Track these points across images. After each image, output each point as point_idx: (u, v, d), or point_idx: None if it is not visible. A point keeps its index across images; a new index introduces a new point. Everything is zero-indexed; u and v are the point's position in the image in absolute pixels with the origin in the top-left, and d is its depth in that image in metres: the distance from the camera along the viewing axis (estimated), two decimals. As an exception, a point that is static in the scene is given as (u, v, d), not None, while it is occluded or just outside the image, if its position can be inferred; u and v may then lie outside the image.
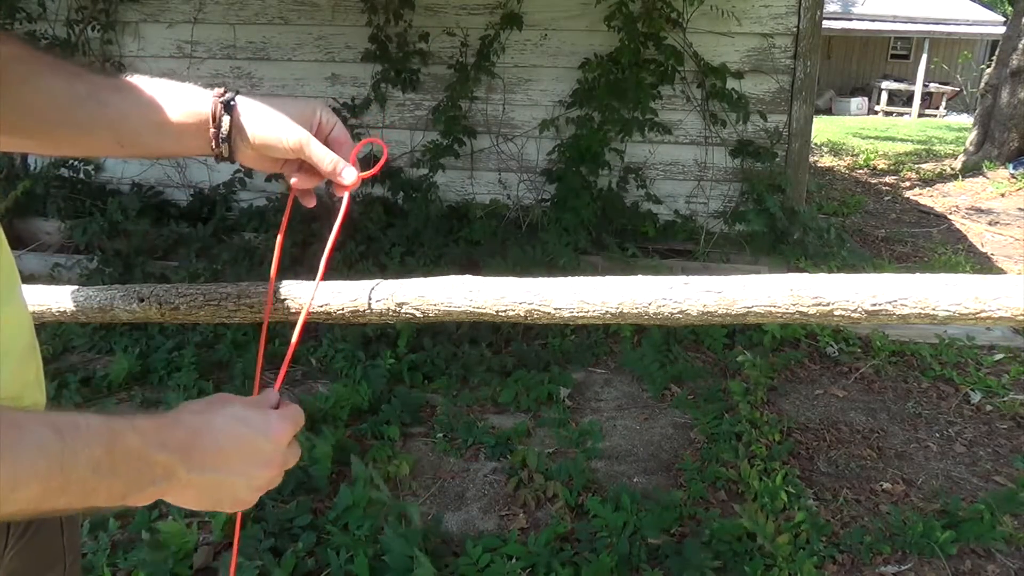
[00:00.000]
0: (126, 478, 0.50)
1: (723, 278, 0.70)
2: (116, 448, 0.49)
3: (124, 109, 0.70)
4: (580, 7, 4.11)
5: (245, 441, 0.58)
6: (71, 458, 0.46)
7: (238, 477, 0.58)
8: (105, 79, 0.71)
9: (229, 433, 0.57)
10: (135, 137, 0.71)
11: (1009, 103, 8.31)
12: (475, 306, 0.78)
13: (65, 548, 0.69)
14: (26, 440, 0.45)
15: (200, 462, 0.55)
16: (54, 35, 4.40)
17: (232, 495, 0.59)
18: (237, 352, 3.07)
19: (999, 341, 3.48)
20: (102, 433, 0.49)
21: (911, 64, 18.99)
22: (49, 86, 0.68)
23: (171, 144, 0.73)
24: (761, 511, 2.14)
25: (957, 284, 0.60)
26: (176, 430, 0.55)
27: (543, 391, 2.87)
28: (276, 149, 0.73)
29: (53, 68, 0.69)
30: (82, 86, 0.69)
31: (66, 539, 0.70)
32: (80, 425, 0.48)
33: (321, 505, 2.21)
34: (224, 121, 0.71)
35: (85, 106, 0.69)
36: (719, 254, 4.20)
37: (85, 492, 0.48)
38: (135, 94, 0.71)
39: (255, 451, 0.59)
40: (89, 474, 0.48)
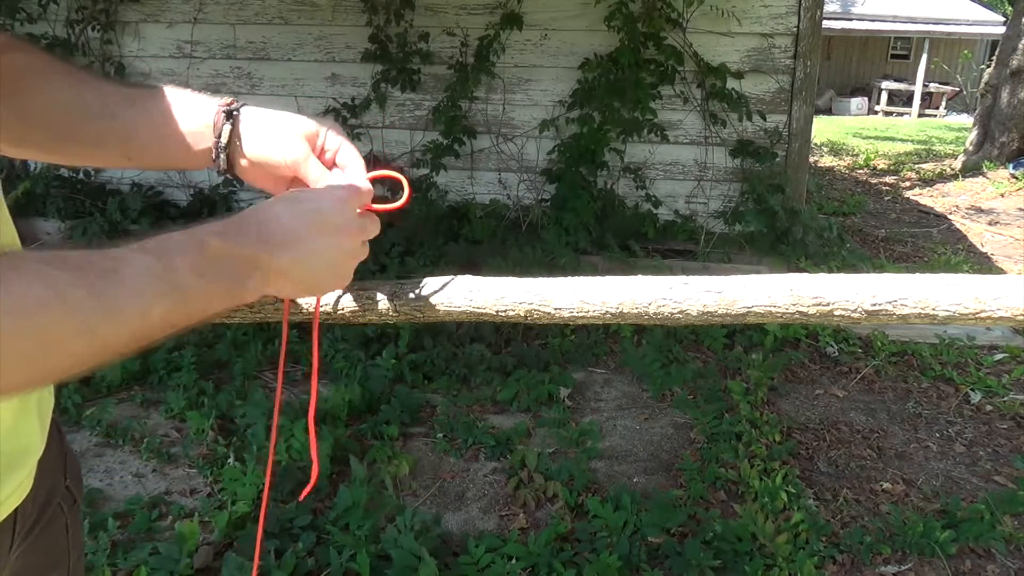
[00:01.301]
0: (224, 279, 0.54)
1: (723, 278, 0.70)
2: (206, 252, 0.52)
3: (134, 122, 0.69)
4: (580, 7, 4.11)
5: (307, 214, 0.60)
6: (175, 273, 0.50)
7: (321, 250, 0.60)
8: (115, 89, 0.70)
9: (290, 212, 0.59)
10: (143, 150, 0.71)
11: (1009, 103, 8.31)
12: (475, 306, 0.78)
13: (70, 547, 0.69)
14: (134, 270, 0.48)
15: (278, 244, 0.57)
16: (54, 35, 4.40)
17: (326, 270, 0.62)
18: (237, 352, 3.08)
19: (999, 341, 3.49)
20: (189, 244, 0.52)
21: (911, 64, 19.00)
22: (63, 100, 0.67)
23: (179, 157, 0.72)
24: (761, 511, 2.14)
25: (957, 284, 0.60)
26: (244, 225, 0.57)
27: (543, 391, 2.87)
28: (272, 165, 0.70)
29: (66, 79, 0.68)
30: (93, 99, 0.68)
31: (71, 538, 0.69)
32: (168, 243, 0.51)
33: (321, 505, 2.21)
34: (224, 130, 0.69)
35: (96, 120, 0.68)
36: (719, 254, 4.20)
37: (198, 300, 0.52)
38: (145, 106, 0.70)
39: (323, 221, 0.60)
40: (194, 280, 0.51)
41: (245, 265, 0.55)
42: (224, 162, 0.70)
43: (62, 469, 0.69)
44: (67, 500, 0.69)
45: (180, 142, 0.70)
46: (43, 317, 0.42)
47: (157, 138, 0.70)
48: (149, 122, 0.69)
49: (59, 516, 0.67)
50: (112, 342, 0.47)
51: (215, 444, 2.50)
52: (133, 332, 0.48)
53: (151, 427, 2.63)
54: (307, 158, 0.70)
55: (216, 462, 2.42)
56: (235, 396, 2.74)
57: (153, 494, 2.28)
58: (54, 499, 0.67)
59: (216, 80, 4.55)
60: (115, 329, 0.47)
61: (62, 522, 0.68)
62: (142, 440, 2.53)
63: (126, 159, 0.71)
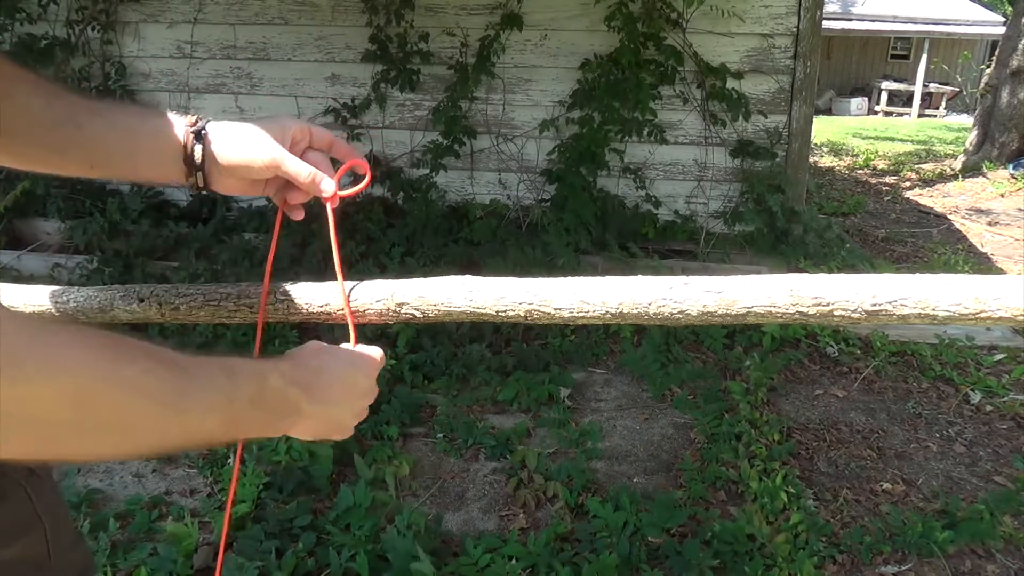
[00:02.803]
0: (271, 412, 0.60)
1: (723, 278, 0.70)
2: (265, 386, 0.59)
3: (99, 132, 0.71)
4: (580, 7, 4.11)
5: (350, 378, 0.70)
6: (236, 392, 0.56)
7: (345, 408, 0.69)
8: (83, 101, 0.72)
9: (339, 372, 0.69)
10: (107, 160, 0.73)
11: (1009, 103, 8.31)
12: (475, 306, 0.78)
13: (39, 513, 0.70)
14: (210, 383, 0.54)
15: (319, 397, 0.65)
16: (54, 35, 4.40)
17: (339, 424, 0.70)
18: (237, 352, 3.07)
19: (999, 341, 3.49)
20: (255, 373, 0.59)
21: (911, 64, 18.99)
22: (29, 104, 0.69)
23: (144, 170, 0.74)
24: (761, 511, 2.14)
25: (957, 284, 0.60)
26: (302, 371, 0.65)
27: (543, 391, 2.87)
28: (252, 170, 0.73)
29: (35, 87, 0.70)
30: (60, 107, 0.70)
31: (37, 505, 0.70)
32: (239, 367, 0.58)
33: (321, 505, 2.21)
34: (196, 150, 0.72)
35: (62, 128, 0.70)
36: (719, 254, 4.20)
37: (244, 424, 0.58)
38: (111, 118, 0.72)
39: (356, 386, 0.71)
40: (248, 407, 0.57)
41: (290, 407, 0.62)
42: (201, 179, 0.73)
43: None
44: (20, 471, 0.69)
45: (148, 157, 0.73)
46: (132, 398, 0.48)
47: (123, 151, 0.72)
48: (115, 134, 0.72)
49: (16, 488, 0.68)
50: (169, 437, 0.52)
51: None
52: (188, 434, 0.53)
53: (151, 427, 2.63)
54: (284, 157, 0.73)
55: (216, 462, 2.42)
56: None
57: (153, 494, 2.28)
58: (7, 474, 0.67)
59: (216, 80, 4.56)
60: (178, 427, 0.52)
61: (22, 492, 0.69)
62: (142, 440, 2.52)
63: (89, 167, 0.73)
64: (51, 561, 0.70)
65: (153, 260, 4.03)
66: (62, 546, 0.72)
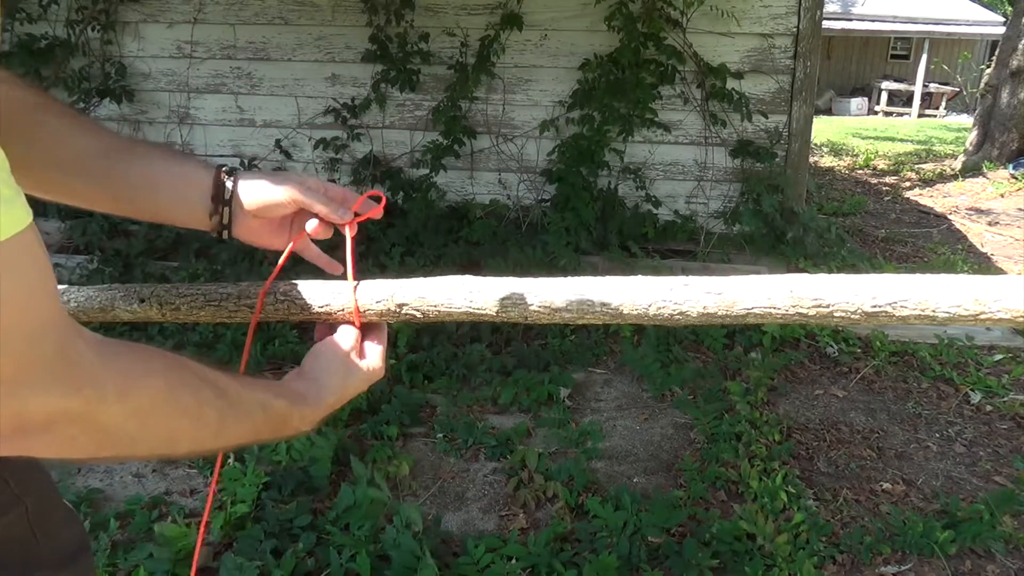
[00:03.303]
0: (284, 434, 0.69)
1: (723, 279, 0.70)
2: (289, 420, 0.68)
3: (128, 167, 0.74)
4: (580, 7, 4.11)
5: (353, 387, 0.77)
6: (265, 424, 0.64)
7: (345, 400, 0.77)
8: (116, 136, 0.75)
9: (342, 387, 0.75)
10: (132, 197, 0.75)
11: (1009, 103, 8.31)
12: (475, 306, 0.78)
13: (18, 494, 0.70)
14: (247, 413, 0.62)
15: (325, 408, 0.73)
16: (54, 35, 4.40)
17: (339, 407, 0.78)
18: (237, 352, 3.07)
19: (999, 341, 3.49)
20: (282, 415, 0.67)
21: (911, 64, 19.00)
22: (60, 133, 0.72)
23: (166, 207, 0.77)
24: (761, 511, 2.14)
25: (957, 285, 0.60)
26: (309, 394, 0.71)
27: (543, 391, 2.87)
28: (274, 207, 0.77)
29: (68, 117, 0.73)
30: (93, 139, 0.73)
31: (16, 487, 0.70)
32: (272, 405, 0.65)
33: (321, 505, 2.21)
34: (228, 184, 0.75)
35: (92, 159, 0.73)
36: (719, 254, 4.20)
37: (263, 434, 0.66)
38: (141, 154, 0.75)
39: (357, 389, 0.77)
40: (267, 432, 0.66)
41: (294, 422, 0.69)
42: (226, 216, 0.76)
43: None
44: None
45: (172, 194, 0.76)
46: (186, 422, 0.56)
47: (148, 187, 0.74)
48: (143, 171, 0.74)
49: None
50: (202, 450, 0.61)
51: (215, 444, 2.50)
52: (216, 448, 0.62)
53: (151, 427, 2.63)
54: (303, 189, 0.76)
55: (216, 462, 2.42)
56: (235, 396, 2.74)
57: (153, 494, 2.28)
58: None
59: (216, 80, 4.56)
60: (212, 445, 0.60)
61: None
62: (142, 440, 2.52)
63: (113, 201, 0.75)
64: (37, 539, 0.71)
65: (153, 260, 4.03)
66: (51, 523, 0.72)
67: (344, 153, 4.51)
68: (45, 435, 0.47)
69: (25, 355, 0.44)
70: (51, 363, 0.46)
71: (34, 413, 0.46)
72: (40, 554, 0.71)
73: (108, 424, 0.50)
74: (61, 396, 0.46)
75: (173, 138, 4.63)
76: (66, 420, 0.47)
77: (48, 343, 0.46)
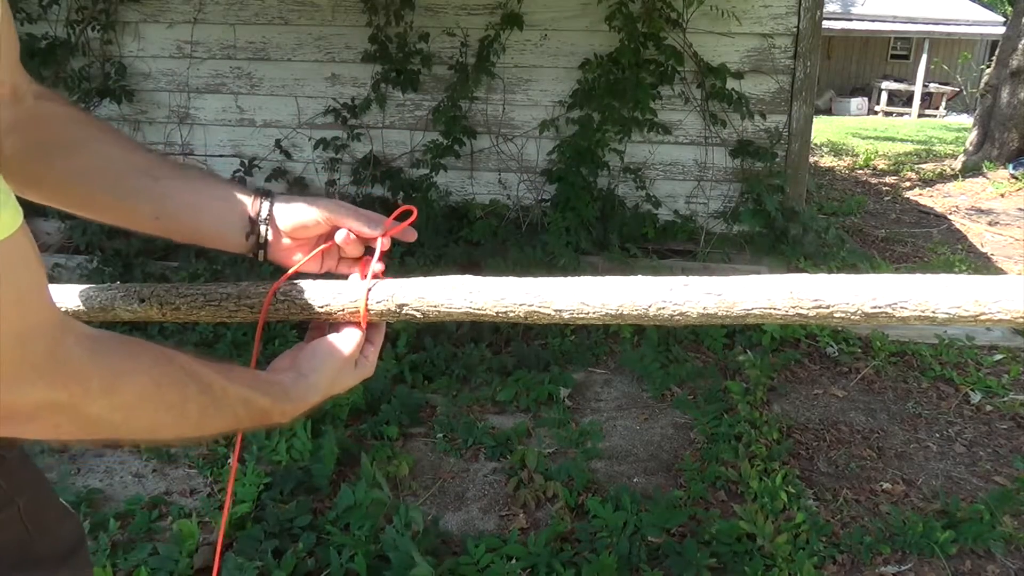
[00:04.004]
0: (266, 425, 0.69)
1: (723, 280, 0.70)
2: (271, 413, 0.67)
3: (172, 186, 0.75)
4: (580, 7, 4.11)
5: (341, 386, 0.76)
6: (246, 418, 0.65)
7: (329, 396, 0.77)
8: (160, 157, 0.77)
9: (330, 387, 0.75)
10: (175, 216, 0.76)
11: (1009, 103, 8.31)
12: (475, 306, 0.78)
13: (12, 494, 0.70)
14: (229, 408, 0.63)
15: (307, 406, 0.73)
16: (54, 35, 4.40)
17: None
18: (237, 352, 3.08)
19: (999, 341, 3.49)
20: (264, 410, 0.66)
21: (911, 64, 19.00)
22: (108, 153, 0.74)
23: (207, 227, 0.78)
24: (761, 511, 2.14)
25: (957, 286, 0.60)
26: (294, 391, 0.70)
27: (543, 391, 2.87)
28: (308, 225, 0.78)
29: (116, 138, 0.75)
30: (138, 159, 0.75)
31: (8, 487, 0.70)
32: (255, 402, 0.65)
33: (321, 505, 2.21)
34: (264, 207, 0.77)
35: (136, 177, 0.74)
36: (719, 254, 4.20)
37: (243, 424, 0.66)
38: (184, 175, 0.76)
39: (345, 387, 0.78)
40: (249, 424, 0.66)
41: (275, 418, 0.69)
42: (262, 234, 0.78)
43: None
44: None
45: (214, 215, 0.77)
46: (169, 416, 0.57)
47: (191, 206, 0.76)
48: (186, 189, 0.76)
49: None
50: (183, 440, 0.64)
51: (215, 444, 2.50)
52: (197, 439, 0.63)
53: (151, 427, 2.63)
54: (336, 208, 0.78)
55: (216, 462, 2.42)
56: (235, 396, 2.74)
57: (153, 494, 2.28)
58: None
59: (216, 80, 4.56)
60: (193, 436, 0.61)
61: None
62: (142, 440, 2.53)
63: (154, 220, 0.77)
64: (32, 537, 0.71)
65: (153, 260, 4.03)
66: (46, 521, 0.73)
67: (344, 153, 4.51)
68: (31, 423, 0.49)
69: (15, 355, 0.45)
70: (40, 363, 0.47)
71: (21, 405, 0.47)
72: (37, 551, 0.71)
73: (93, 415, 0.51)
74: (48, 390, 0.48)
75: (173, 138, 4.63)
76: (52, 410, 0.49)
77: (39, 344, 0.47)
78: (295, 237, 0.79)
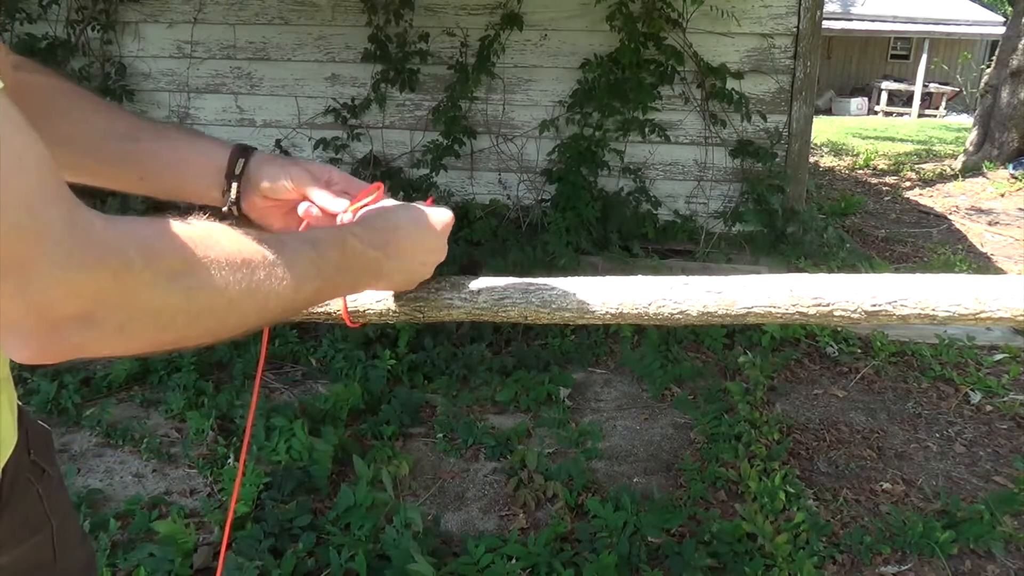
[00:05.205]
0: (354, 273, 0.66)
1: (723, 279, 0.70)
2: (346, 250, 0.64)
3: (155, 147, 0.75)
4: (580, 7, 4.11)
5: (422, 236, 0.73)
6: (325, 264, 0.60)
7: (419, 265, 0.75)
8: (140, 118, 0.77)
9: (411, 231, 0.73)
10: (157, 173, 0.76)
11: (1009, 103, 8.31)
12: (475, 306, 0.78)
13: (49, 513, 0.71)
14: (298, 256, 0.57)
15: (395, 254, 0.70)
16: (54, 35, 4.40)
17: (414, 277, 0.76)
18: (237, 352, 3.07)
19: (999, 341, 3.49)
20: (336, 241, 0.63)
21: (911, 64, 19.00)
22: (89, 120, 0.74)
23: (190, 184, 0.77)
24: (761, 511, 2.14)
25: (957, 285, 0.60)
26: (378, 233, 0.69)
27: (543, 391, 2.87)
28: (280, 188, 0.77)
29: (96, 104, 0.76)
30: (121, 124, 0.75)
31: (47, 505, 0.71)
32: (321, 237, 0.62)
33: (321, 505, 2.21)
34: (239, 163, 0.76)
35: (120, 142, 0.74)
36: (719, 254, 4.20)
37: (332, 288, 0.64)
38: (166, 134, 0.77)
39: (427, 243, 0.74)
40: (334, 272, 0.62)
41: (370, 267, 0.67)
42: (235, 191, 0.76)
43: (24, 444, 0.70)
44: (34, 472, 0.71)
45: (195, 171, 0.77)
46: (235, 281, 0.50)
47: (173, 164, 0.76)
48: (168, 149, 0.76)
49: (29, 488, 0.69)
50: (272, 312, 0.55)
51: (215, 444, 2.50)
52: (285, 306, 0.56)
53: (151, 427, 2.63)
54: (308, 179, 0.77)
55: (216, 462, 2.42)
56: (235, 396, 2.74)
57: (153, 494, 2.28)
58: (21, 474, 0.68)
59: (216, 80, 4.56)
60: (277, 302, 0.55)
61: (33, 492, 0.70)
62: (142, 440, 2.52)
63: (139, 180, 0.77)
64: (56, 561, 0.71)
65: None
66: (68, 545, 0.73)
67: (344, 153, 4.51)
68: (88, 328, 0.42)
69: (28, 229, 0.38)
70: (60, 236, 0.40)
71: (61, 301, 0.40)
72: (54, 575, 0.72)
73: (150, 299, 0.44)
74: (83, 271, 0.41)
75: (173, 138, 4.63)
76: (103, 304, 0.42)
77: (52, 212, 0.40)
78: (270, 197, 0.77)
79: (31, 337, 0.41)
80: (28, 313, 0.40)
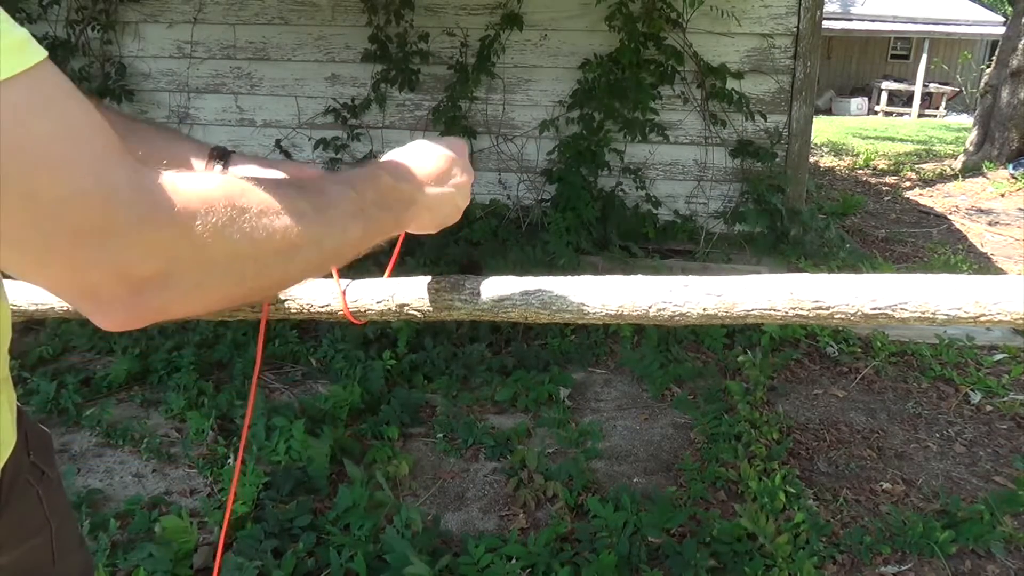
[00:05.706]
0: (393, 209, 0.65)
1: (723, 280, 0.70)
2: (381, 187, 0.63)
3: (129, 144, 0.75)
4: (580, 7, 4.11)
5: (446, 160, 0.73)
6: (364, 202, 0.60)
7: (451, 191, 0.73)
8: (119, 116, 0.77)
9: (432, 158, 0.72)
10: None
11: (1009, 103, 8.30)
12: (475, 306, 0.78)
13: (48, 515, 0.71)
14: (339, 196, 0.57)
15: (428, 183, 0.70)
16: (54, 35, 4.40)
17: (453, 206, 0.75)
18: (237, 352, 3.07)
19: (999, 341, 3.49)
20: (371, 178, 0.63)
21: (911, 64, 18.99)
22: None
23: None
24: (761, 511, 2.14)
25: (957, 287, 0.60)
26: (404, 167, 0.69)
27: (543, 391, 2.87)
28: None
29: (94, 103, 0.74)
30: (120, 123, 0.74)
31: (47, 507, 0.71)
32: (357, 177, 0.62)
33: (321, 505, 2.21)
34: (217, 169, 0.76)
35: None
36: (719, 254, 4.20)
37: (377, 226, 0.62)
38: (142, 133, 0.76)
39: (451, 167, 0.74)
40: (375, 210, 0.61)
41: (406, 200, 0.67)
42: None
43: (24, 446, 0.70)
44: (34, 473, 0.71)
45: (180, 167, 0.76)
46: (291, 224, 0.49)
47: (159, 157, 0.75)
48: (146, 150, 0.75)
49: (28, 489, 0.69)
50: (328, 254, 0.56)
51: (215, 444, 2.50)
52: (338, 248, 0.57)
53: (151, 427, 2.63)
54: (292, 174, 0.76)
55: (216, 462, 2.42)
56: (235, 396, 2.74)
57: (153, 494, 2.28)
58: (20, 476, 0.69)
59: (216, 80, 4.56)
60: (331, 242, 0.55)
61: (32, 494, 0.70)
62: (142, 440, 2.53)
63: None
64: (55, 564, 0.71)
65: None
66: (67, 548, 0.73)
67: (344, 153, 4.51)
68: (167, 287, 0.43)
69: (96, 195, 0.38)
70: (129, 198, 0.40)
71: (138, 263, 0.41)
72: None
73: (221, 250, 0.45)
74: (155, 230, 0.41)
75: (173, 138, 4.63)
76: (178, 261, 0.42)
77: (119, 175, 0.40)
78: None
79: (116, 302, 0.42)
80: (108, 279, 0.40)
